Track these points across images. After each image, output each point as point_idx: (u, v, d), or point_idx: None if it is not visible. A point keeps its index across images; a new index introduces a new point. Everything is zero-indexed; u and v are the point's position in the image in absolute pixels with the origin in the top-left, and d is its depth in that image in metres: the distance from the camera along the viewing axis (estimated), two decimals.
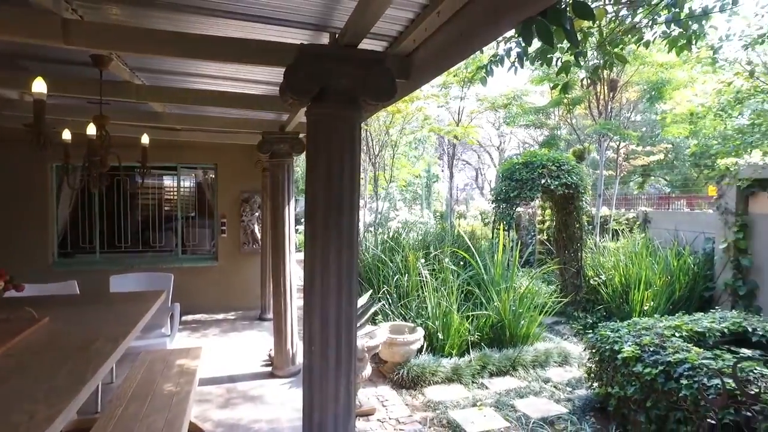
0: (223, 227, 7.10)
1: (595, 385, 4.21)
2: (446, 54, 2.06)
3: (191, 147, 6.56)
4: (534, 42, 1.66)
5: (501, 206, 7.28)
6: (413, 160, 15.11)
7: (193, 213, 7.46)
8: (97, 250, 6.67)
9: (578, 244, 7.47)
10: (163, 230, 7.26)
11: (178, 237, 7.14)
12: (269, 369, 4.78)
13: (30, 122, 2.28)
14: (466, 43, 1.87)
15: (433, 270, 6.00)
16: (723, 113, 7.48)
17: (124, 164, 3.45)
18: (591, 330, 5.28)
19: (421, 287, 5.67)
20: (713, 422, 2.73)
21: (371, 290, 5.61)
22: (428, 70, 2.33)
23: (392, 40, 2.46)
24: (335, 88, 2.00)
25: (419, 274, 5.79)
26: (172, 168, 7.03)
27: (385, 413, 4.07)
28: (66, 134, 3.16)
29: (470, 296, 5.75)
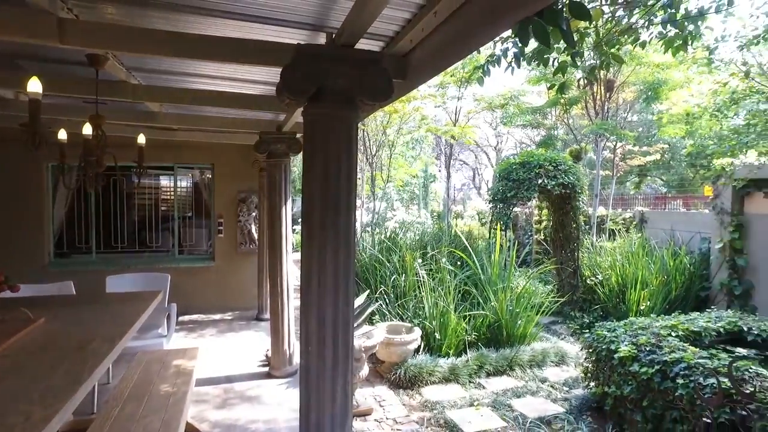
0: (220, 227, 7.09)
1: (592, 385, 4.22)
2: (443, 54, 2.06)
3: (188, 147, 6.55)
4: (531, 42, 1.66)
5: (498, 206, 7.29)
6: (410, 160, 15.12)
7: (190, 213, 7.43)
8: (94, 251, 6.64)
9: (575, 244, 7.49)
10: (160, 230, 7.23)
11: (175, 237, 7.12)
12: (266, 369, 4.77)
13: (25, 122, 2.27)
14: (463, 44, 1.87)
15: (430, 270, 6.00)
16: (719, 113, 7.51)
17: (121, 164, 3.44)
18: (588, 330, 5.30)
19: (418, 287, 5.67)
20: (709, 421, 2.74)
21: (368, 290, 5.60)
22: (425, 71, 2.33)
23: (389, 40, 2.46)
24: (332, 88, 2.00)
25: (416, 274, 5.79)
26: (169, 168, 7.01)
27: (383, 413, 4.07)
28: (62, 134, 3.14)
29: (467, 296, 5.75)
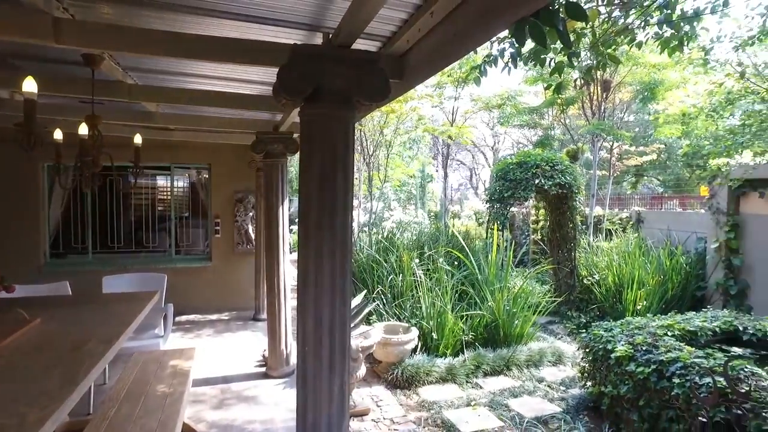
0: (217, 227, 7.07)
1: (589, 384, 4.23)
2: (440, 54, 2.07)
3: (185, 147, 6.53)
4: (527, 43, 1.66)
5: (495, 206, 7.30)
6: (407, 160, 15.12)
7: (187, 213, 7.42)
8: (90, 251, 6.62)
9: (572, 244, 7.51)
10: (157, 230, 7.21)
11: (172, 237, 7.10)
12: (263, 369, 4.77)
13: (21, 122, 2.26)
14: (460, 44, 1.87)
15: (428, 270, 6.00)
16: (714, 114, 7.55)
17: (117, 164, 3.41)
18: (584, 329, 5.32)
19: (416, 287, 5.67)
20: (704, 420, 2.75)
21: (365, 290, 5.60)
22: (422, 71, 2.33)
23: (386, 41, 2.47)
24: (329, 88, 2.00)
25: (413, 274, 5.79)
26: (166, 168, 6.99)
27: (380, 413, 4.07)
28: (58, 134, 3.13)
29: (464, 296, 5.76)
